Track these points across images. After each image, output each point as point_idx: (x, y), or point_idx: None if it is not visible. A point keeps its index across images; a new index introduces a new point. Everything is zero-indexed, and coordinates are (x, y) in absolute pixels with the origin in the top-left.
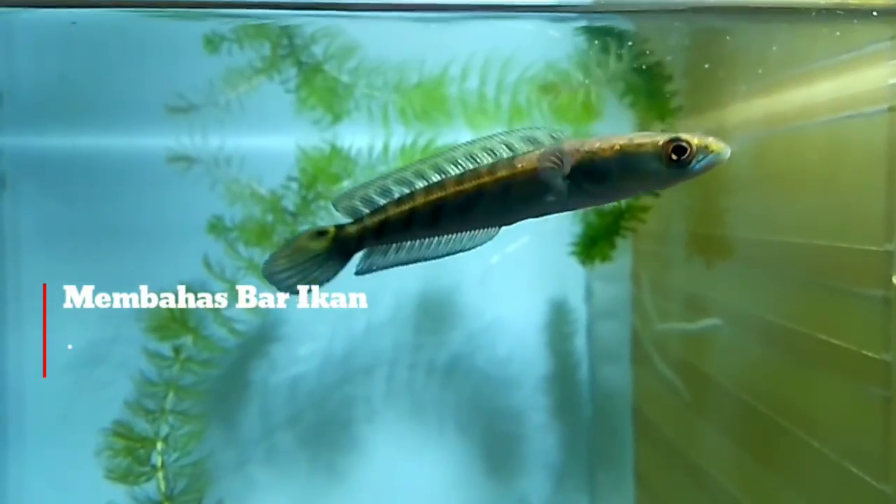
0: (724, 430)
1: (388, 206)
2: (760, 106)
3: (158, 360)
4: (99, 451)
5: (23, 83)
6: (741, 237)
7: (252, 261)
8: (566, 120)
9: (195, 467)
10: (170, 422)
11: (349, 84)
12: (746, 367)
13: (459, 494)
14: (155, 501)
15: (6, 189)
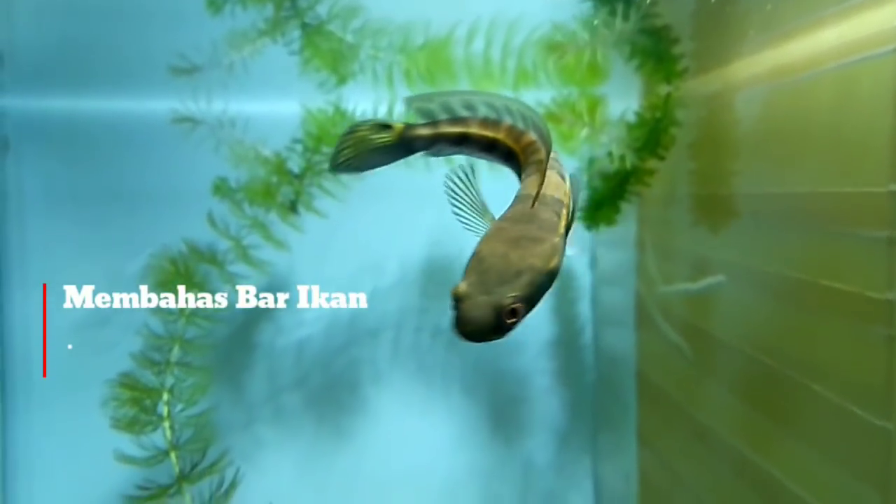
0: (728, 387)
1: (471, 122)
2: (767, 60)
3: (164, 314)
4: (105, 401)
5: (23, 44)
6: (745, 193)
7: (256, 219)
8: (572, 82)
9: (200, 418)
10: (175, 374)
11: (354, 45)
12: (750, 321)
13: (464, 455)
14: (161, 450)
15: (9, 151)
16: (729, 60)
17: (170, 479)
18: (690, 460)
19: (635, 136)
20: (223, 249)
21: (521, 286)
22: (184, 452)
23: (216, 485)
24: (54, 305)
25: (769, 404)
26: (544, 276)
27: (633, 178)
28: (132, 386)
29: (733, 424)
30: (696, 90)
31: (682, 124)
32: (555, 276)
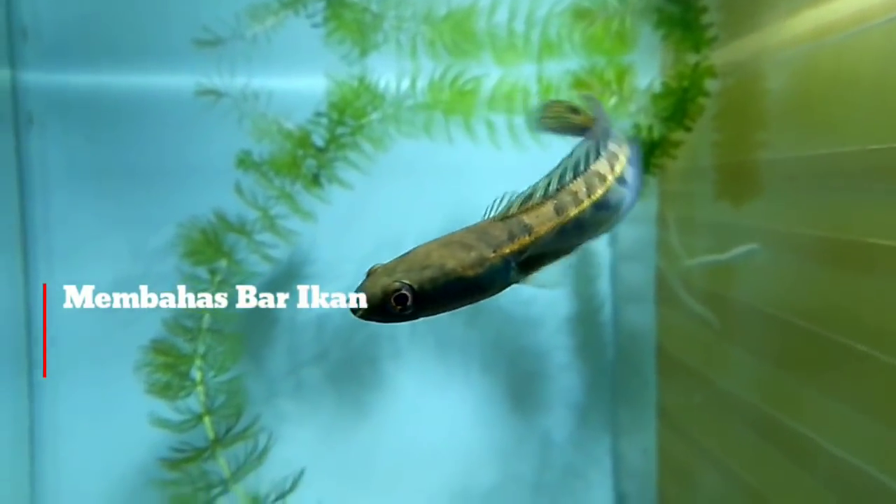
0: (759, 354)
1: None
2: (806, 21)
3: (195, 282)
4: (138, 367)
5: (47, 19)
6: (783, 158)
7: (283, 189)
8: (599, 51)
9: (232, 384)
10: (207, 341)
11: (378, 16)
12: (786, 286)
13: (483, 431)
14: (196, 413)
15: (33, 126)
16: (761, 25)
17: (193, 444)
18: (714, 433)
19: (662, 107)
20: (251, 220)
21: (418, 278)
22: (217, 417)
23: (249, 449)
24: (79, 280)
25: (806, 367)
26: (454, 279)
27: (657, 150)
28: (166, 352)
29: (765, 391)
30: (726, 58)
31: (710, 94)
32: (474, 287)
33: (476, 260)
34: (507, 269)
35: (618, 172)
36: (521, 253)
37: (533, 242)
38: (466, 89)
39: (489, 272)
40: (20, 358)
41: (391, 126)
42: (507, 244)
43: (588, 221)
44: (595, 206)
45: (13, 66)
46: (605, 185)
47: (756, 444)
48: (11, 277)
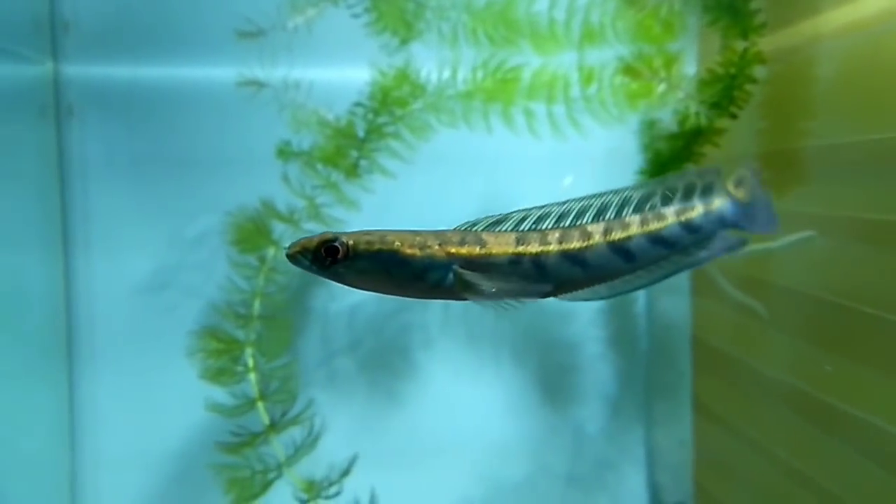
0: (802, 338)
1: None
2: (864, 8)
3: (245, 269)
4: (191, 352)
5: (88, 13)
6: (838, 144)
7: (329, 178)
8: (647, 37)
9: (285, 369)
10: (257, 328)
11: (420, 4)
12: (838, 269)
13: (515, 422)
14: (251, 398)
15: (73, 117)
16: (815, 12)
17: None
18: (753, 419)
19: (709, 94)
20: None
21: (356, 239)
22: (271, 402)
23: (303, 434)
24: (117, 267)
25: (853, 346)
26: (389, 251)
27: (701, 138)
28: (220, 338)
29: (809, 374)
30: (775, 44)
31: (757, 81)
32: (408, 268)
33: (418, 244)
34: (446, 267)
35: (613, 238)
36: (467, 261)
37: (481, 256)
38: (507, 78)
39: (426, 260)
40: (60, 345)
41: (431, 115)
42: (454, 245)
43: (552, 267)
44: (564, 255)
45: (55, 58)
46: (587, 242)
47: (801, 428)
48: (52, 266)
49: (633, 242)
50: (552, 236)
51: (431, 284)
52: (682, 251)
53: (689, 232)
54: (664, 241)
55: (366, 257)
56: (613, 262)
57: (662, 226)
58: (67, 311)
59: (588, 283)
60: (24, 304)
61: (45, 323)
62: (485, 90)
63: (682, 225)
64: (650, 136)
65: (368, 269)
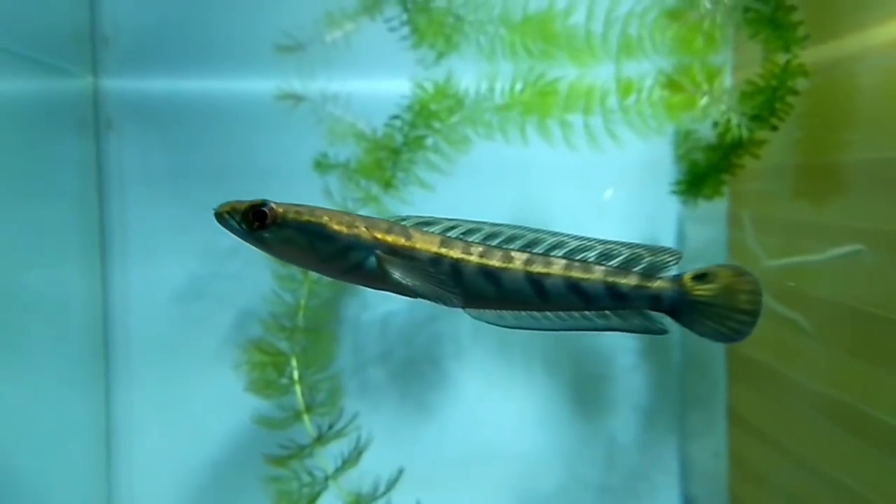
0: (845, 349)
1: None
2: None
3: (288, 281)
4: (237, 364)
5: (127, 27)
6: (870, 159)
7: (370, 192)
8: (690, 50)
9: (331, 382)
10: (301, 340)
11: (459, 18)
12: (881, 282)
13: (547, 432)
14: (297, 410)
15: (112, 130)
16: (860, 26)
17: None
18: (790, 429)
19: (750, 105)
20: None
21: (286, 208)
22: (315, 415)
23: (348, 447)
24: (153, 277)
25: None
26: (317, 224)
27: (740, 149)
28: (266, 350)
29: (848, 384)
30: (817, 57)
31: (800, 93)
32: (332, 243)
33: (346, 222)
34: (368, 250)
35: (531, 269)
36: (390, 249)
37: (404, 247)
38: (545, 91)
39: (351, 239)
40: (98, 354)
41: (469, 128)
42: (381, 231)
43: (468, 277)
44: (482, 269)
45: (95, 72)
46: (506, 264)
47: (840, 438)
48: (90, 276)
49: (549, 280)
50: (475, 248)
51: (351, 264)
52: (601, 311)
53: (612, 296)
54: (583, 294)
55: (293, 227)
56: (526, 293)
57: (585, 278)
58: (105, 321)
59: (498, 305)
60: (63, 314)
61: (83, 332)
62: (522, 103)
63: (606, 286)
64: (686, 146)
65: (293, 240)
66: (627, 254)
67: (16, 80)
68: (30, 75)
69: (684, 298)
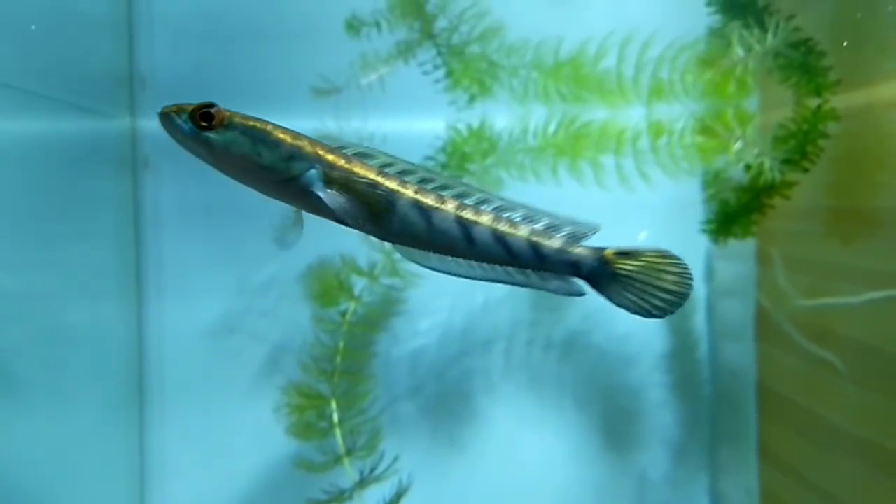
0: (880, 392)
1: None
2: None
3: (326, 323)
4: (277, 407)
5: (164, 68)
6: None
7: None
8: (719, 96)
9: (371, 424)
10: (341, 383)
11: (491, 64)
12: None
13: (578, 467)
14: (337, 455)
15: (149, 169)
16: (886, 75)
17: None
18: (822, 469)
19: (782, 149)
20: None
21: (235, 112)
22: (355, 458)
23: (391, 488)
24: (187, 314)
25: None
26: (262, 131)
27: (772, 191)
28: (306, 394)
29: (883, 426)
30: (847, 103)
31: (831, 137)
32: (276, 151)
33: (291, 135)
34: (310, 165)
35: (461, 214)
36: (331, 167)
37: (343, 168)
38: (578, 133)
39: (294, 149)
40: (133, 390)
41: (502, 170)
42: (324, 150)
43: (400, 208)
44: (415, 203)
45: (132, 112)
46: (438, 204)
47: (871, 479)
48: (127, 313)
49: (477, 228)
50: (411, 185)
51: (291, 175)
52: (522, 268)
53: (534, 256)
54: (507, 248)
55: (238, 129)
56: (453, 235)
57: (511, 233)
58: (140, 357)
59: (425, 245)
60: (100, 351)
61: (120, 369)
62: (555, 145)
63: (530, 245)
64: (716, 187)
65: (237, 143)
66: (548, 220)
67: (55, 123)
68: (69, 118)
69: (604, 269)
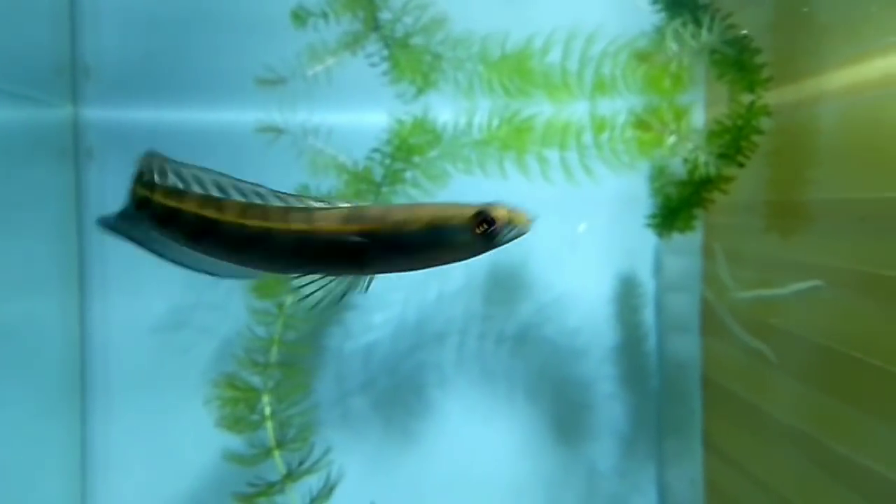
0: (815, 385)
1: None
2: (870, 70)
3: (263, 315)
4: (207, 400)
5: (109, 57)
6: (835, 199)
7: None
8: (658, 90)
9: (303, 417)
10: (275, 375)
11: (437, 56)
12: (845, 320)
13: (528, 461)
14: (266, 448)
15: (93, 160)
16: (819, 70)
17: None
18: (763, 461)
19: (717, 144)
20: None
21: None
22: (287, 451)
23: (319, 482)
24: (133, 308)
25: (858, 396)
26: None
27: (710, 185)
28: (237, 386)
29: (818, 420)
30: (779, 99)
31: (764, 132)
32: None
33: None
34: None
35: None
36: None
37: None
38: (522, 127)
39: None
40: (75, 386)
41: (448, 163)
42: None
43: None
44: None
45: (75, 102)
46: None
47: (808, 470)
48: (68, 307)
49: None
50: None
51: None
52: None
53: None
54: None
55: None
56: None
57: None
58: (82, 352)
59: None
60: (40, 345)
61: (60, 363)
62: (500, 138)
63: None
64: (661, 181)
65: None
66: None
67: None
68: (5, 107)
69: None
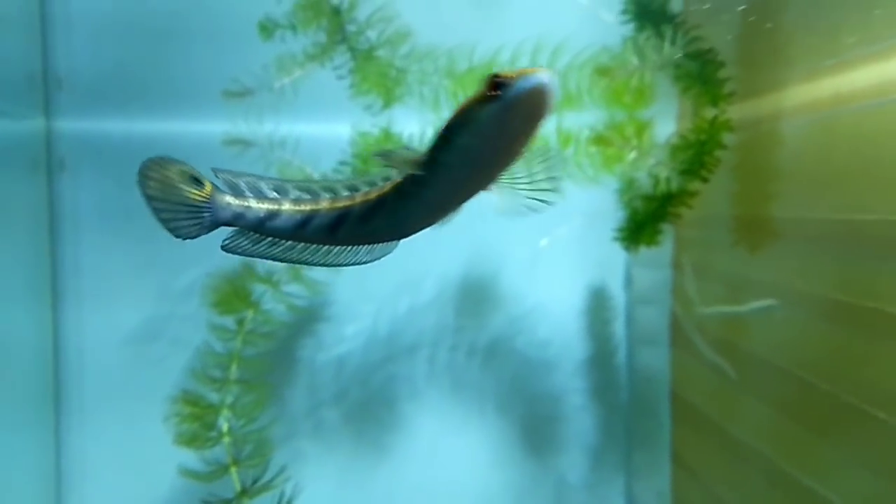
0: (771, 405)
1: (283, 201)
2: (826, 87)
3: (222, 332)
4: (166, 417)
5: (81, 69)
6: (796, 217)
7: None
8: (619, 105)
9: (259, 434)
10: (234, 391)
11: (402, 69)
12: (795, 341)
13: (499, 473)
14: (223, 465)
15: (65, 171)
16: (779, 86)
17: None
18: (726, 479)
19: (680, 159)
20: (274, 270)
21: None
22: (244, 468)
23: (275, 499)
24: (106, 319)
25: (816, 421)
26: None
27: (675, 200)
28: (194, 403)
29: (775, 441)
30: (744, 113)
31: (727, 147)
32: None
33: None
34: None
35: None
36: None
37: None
38: None
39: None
40: (48, 397)
41: None
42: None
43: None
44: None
45: (47, 114)
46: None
47: (767, 492)
48: (41, 318)
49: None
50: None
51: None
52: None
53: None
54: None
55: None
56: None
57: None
58: (56, 363)
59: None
60: (12, 356)
61: (33, 375)
62: None
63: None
64: (629, 195)
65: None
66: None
67: None
68: None
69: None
